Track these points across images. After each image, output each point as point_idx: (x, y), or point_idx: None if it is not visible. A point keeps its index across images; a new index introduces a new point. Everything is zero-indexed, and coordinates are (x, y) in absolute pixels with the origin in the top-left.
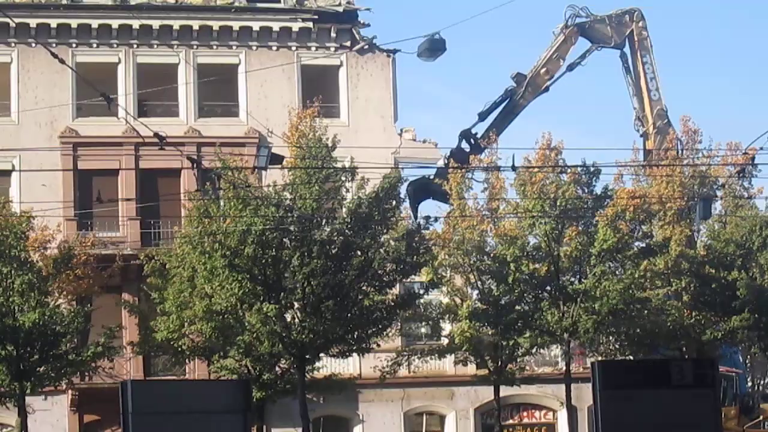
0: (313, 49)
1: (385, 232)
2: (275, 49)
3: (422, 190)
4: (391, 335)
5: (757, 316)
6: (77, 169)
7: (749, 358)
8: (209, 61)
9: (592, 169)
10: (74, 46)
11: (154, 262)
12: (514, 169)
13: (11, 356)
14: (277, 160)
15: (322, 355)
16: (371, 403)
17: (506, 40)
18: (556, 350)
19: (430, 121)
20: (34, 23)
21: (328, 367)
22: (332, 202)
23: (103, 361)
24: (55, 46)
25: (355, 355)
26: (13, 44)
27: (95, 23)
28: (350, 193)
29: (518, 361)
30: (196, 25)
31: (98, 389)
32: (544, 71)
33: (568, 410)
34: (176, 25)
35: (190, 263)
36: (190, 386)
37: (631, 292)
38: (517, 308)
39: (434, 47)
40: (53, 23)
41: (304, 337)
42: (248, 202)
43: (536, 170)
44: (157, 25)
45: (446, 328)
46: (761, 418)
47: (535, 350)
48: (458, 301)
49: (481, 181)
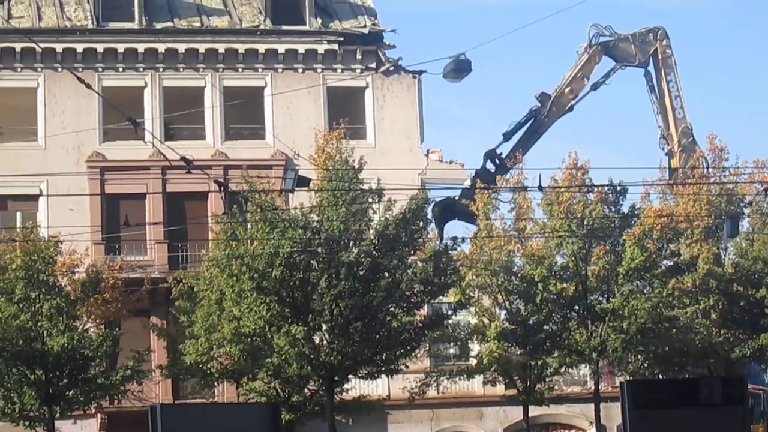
0: (338, 71)
1: (412, 253)
2: (301, 71)
3: (448, 210)
4: (419, 356)
5: None
6: (104, 193)
7: None
8: (235, 84)
9: (618, 188)
10: (100, 70)
11: (182, 285)
12: (541, 189)
13: (40, 380)
14: (303, 182)
15: (350, 376)
16: (400, 424)
17: (531, 59)
18: (584, 370)
19: (456, 141)
20: (60, 48)
21: (356, 388)
22: (359, 223)
23: (132, 384)
24: (81, 70)
25: (383, 376)
26: (39, 69)
27: (121, 47)
28: (377, 214)
29: (547, 380)
30: (221, 48)
31: (127, 413)
32: (568, 90)
33: (597, 430)
34: (202, 48)
35: (217, 286)
36: (219, 409)
37: (659, 310)
38: (545, 328)
39: (460, 68)
40: (79, 48)
41: (332, 358)
42: (275, 224)
43: (563, 190)
44: (182, 48)
45: (474, 348)
46: None
47: (563, 370)
48: (486, 321)
49: (507, 201)
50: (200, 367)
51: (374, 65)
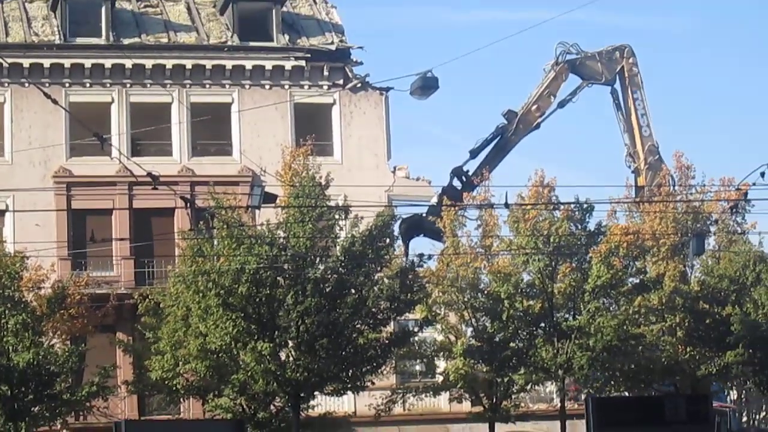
0: (306, 87)
1: (379, 270)
2: (268, 87)
3: (415, 227)
4: (385, 373)
5: (751, 351)
6: (71, 208)
7: (744, 393)
8: (202, 100)
9: (585, 205)
10: (67, 85)
11: (148, 301)
12: (507, 206)
13: (5, 396)
14: (270, 198)
15: (316, 393)
16: None
17: (499, 77)
18: (551, 387)
19: (423, 158)
20: (27, 63)
21: (322, 405)
22: (326, 240)
23: (97, 400)
24: (48, 86)
25: (349, 393)
26: (6, 84)
27: (88, 63)
28: (344, 231)
29: (513, 398)
30: (188, 64)
31: (93, 429)
32: (534, 108)
33: None
34: (169, 64)
35: (184, 302)
36: (184, 426)
37: (625, 328)
38: (511, 345)
39: (427, 85)
40: (46, 63)
41: (298, 375)
42: (242, 240)
43: (529, 207)
44: (149, 64)
45: (441, 365)
46: None
47: (529, 387)
48: (452, 338)
49: (474, 218)
50: (166, 383)
51: (341, 82)
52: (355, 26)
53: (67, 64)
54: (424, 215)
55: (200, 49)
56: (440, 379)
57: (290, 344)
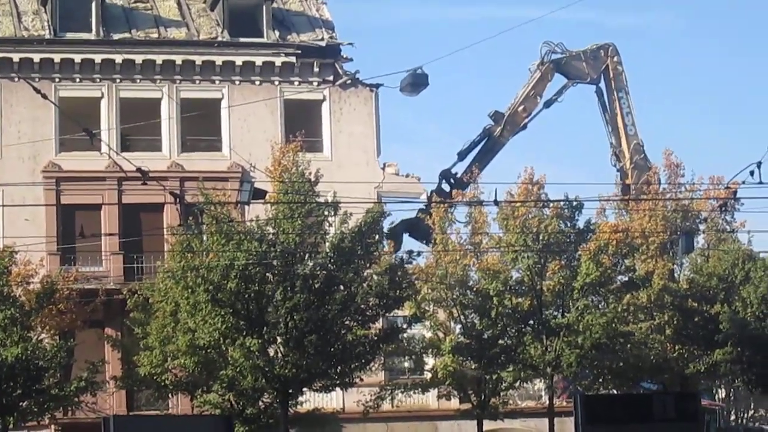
0: (296, 83)
1: (368, 266)
2: (258, 83)
3: (411, 229)
4: (374, 369)
5: (739, 349)
6: (60, 203)
7: (732, 391)
8: (192, 95)
9: (574, 203)
10: (57, 80)
11: (137, 296)
12: (496, 203)
13: None
14: (259, 194)
15: (305, 389)
16: None
17: (489, 74)
18: (539, 384)
19: (413, 155)
20: (16, 58)
21: (311, 401)
22: (315, 236)
23: (86, 395)
24: (37, 80)
25: (338, 389)
26: None
27: (78, 58)
28: (333, 227)
29: (501, 395)
30: (179, 59)
31: (81, 424)
32: (521, 109)
33: None
34: (159, 59)
35: (173, 298)
36: (172, 421)
37: (614, 325)
38: (500, 342)
39: (417, 82)
40: (36, 58)
41: (287, 371)
42: (231, 236)
43: (519, 205)
44: (139, 59)
45: (429, 362)
46: None
47: (518, 384)
48: (441, 335)
49: (463, 222)
50: (154, 378)
51: (331, 78)
52: (345, 23)
53: (56, 59)
54: (421, 217)
55: (190, 44)
56: (429, 376)
57: (279, 340)
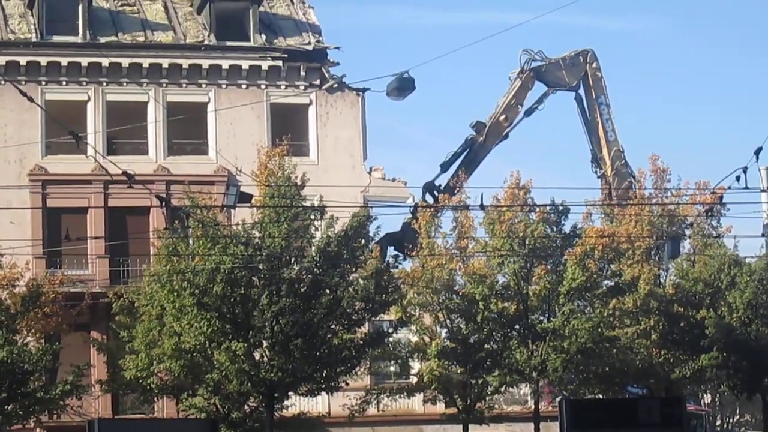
0: (282, 87)
1: (354, 270)
2: (244, 87)
3: (396, 242)
4: (359, 374)
5: (725, 354)
6: (46, 206)
7: (718, 396)
8: (178, 99)
9: (560, 208)
10: (43, 83)
11: (122, 300)
12: (482, 208)
13: None
14: (245, 198)
15: (290, 393)
16: None
17: (476, 78)
18: (525, 389)
19: (399, 159)
20: (3, 61)
21: (296, 405)
22: (301, 240)
23: (71, 399)
24: (24, 83)
25: (323, 393)
26: None
27: (64, 61)
28: (319, 231)
29: (487, 399)
30: (165, 63)
31: (67, 427)
32: (503, 118)
33: None
34: (145, 63)
35: (158, 301)
36: (156, 425)
37: (599, 330)
38: (485, 347)
39: (403, 86)
40: (22, 61)
41: (272, 375)
42: (217, 240)
43: (505, 209)
44: (126, 63)
45: (415, 366)
46: None
47: (503, 389)
48: (427, 339)
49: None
50: (140, 382)
51: (318, 82)
52: (332, 27)
53: (43, 62)
54: (408, 220)
55: (177, 48)
56: (414, 380)
57: (265, 344)
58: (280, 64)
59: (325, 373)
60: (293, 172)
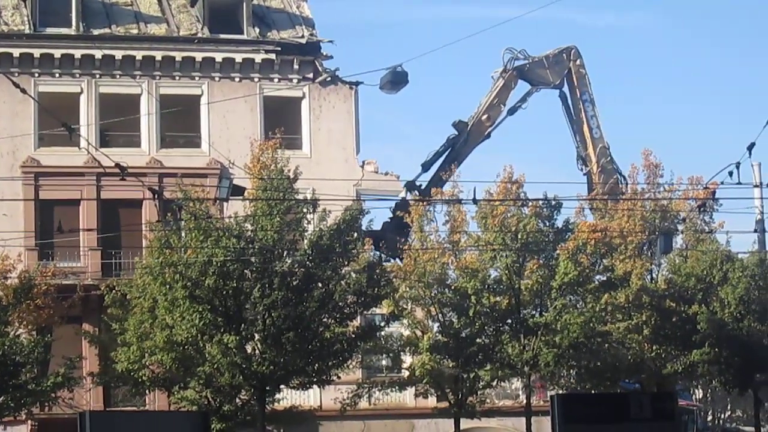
0: (275, 80)
1: (346, 264)
2: (238, 80)
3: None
4: (351, 367)
5: (717, 349)
6: (38, 198)
7: (709, 392)
8: (172, 91)
9: (553, 202)
10: (36, 75)
11: (114, 292)
12: (475, 202)
13: None
14: (238, 191)
15: (282, 386)
16: None
17: (469, 72)
18: (516, 383)
19: (392, 153)
20: None
21: (288, 398)
22: (293, 233)
23: (63, 391)
24: (17, 75)
25: (315, 386)
26: None
27: (58, 53)
28: (312, 224)
29: (479, 393)
30: (158, 55)
31: (58, 420)
32: (485, 118)
33: None
34: (139, 55)
35: (150, 294)
36: (148, 417)
37: (591, 325)
38: (477, 341)
39: (397, 80)
40: (15, 53)
41: (264, 368)
42: (209, 233)
43: (497, 203)
44: (119, 55)
45: (407, 360)
46: None
47: (495, 383)
48: (419, 333)
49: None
50: (132, 374)
51: (311, 75)
52: (325, 20)
53: (36, 53)
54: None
55: (170, 40)
56: (406, 374)
57: (256, 337)
58: (273, 57)
59: (316, 366)
60: (286, 165)
